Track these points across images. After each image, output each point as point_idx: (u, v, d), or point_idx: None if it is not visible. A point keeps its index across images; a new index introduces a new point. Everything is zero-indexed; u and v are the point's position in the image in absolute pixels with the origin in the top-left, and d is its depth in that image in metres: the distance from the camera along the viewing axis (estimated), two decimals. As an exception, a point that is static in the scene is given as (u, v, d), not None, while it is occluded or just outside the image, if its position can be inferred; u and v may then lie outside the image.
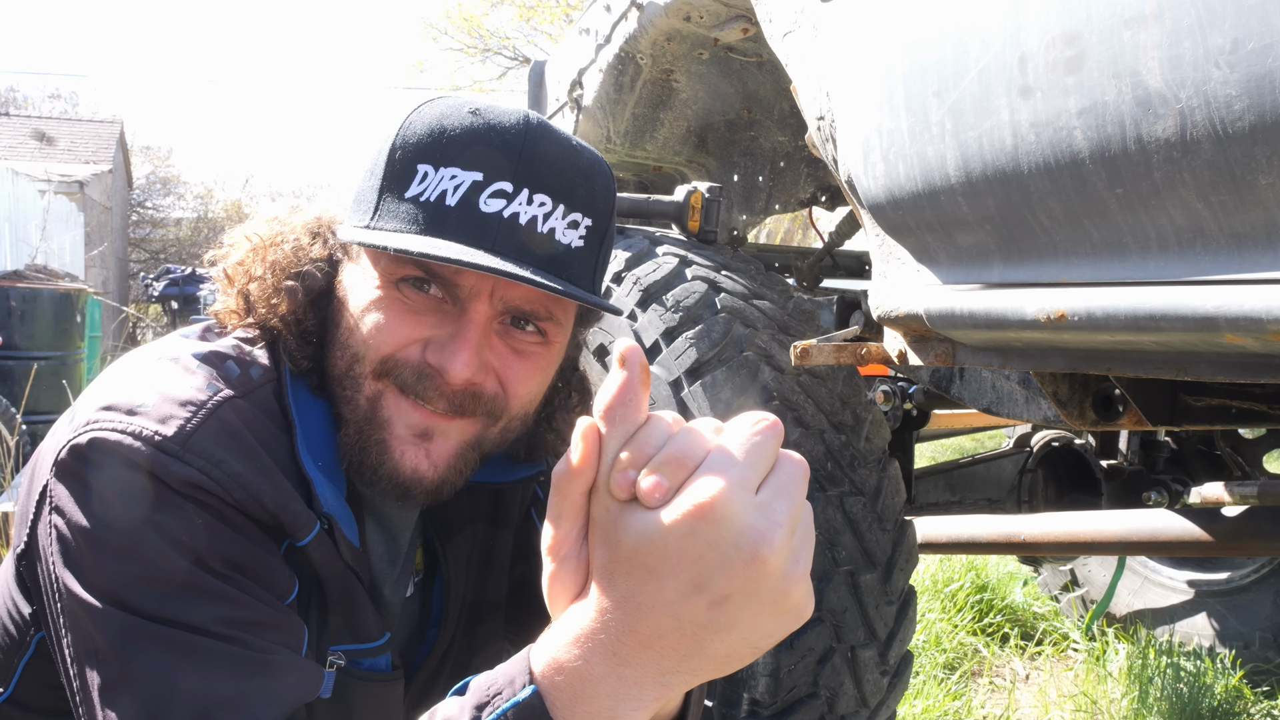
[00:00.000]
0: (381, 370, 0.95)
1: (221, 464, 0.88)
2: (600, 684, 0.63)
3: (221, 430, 0.90)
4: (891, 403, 2.34)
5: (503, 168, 0.92)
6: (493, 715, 0.65)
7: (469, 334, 0.94)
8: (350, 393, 0.97)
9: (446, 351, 0.93)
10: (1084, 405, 1.41)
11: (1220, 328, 0.84)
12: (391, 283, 0.95)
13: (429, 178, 0.92)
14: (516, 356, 0.98)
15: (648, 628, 0.62)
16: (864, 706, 1.66)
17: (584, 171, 0.97)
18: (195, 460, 0.87)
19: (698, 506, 0.59)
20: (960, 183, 1.07)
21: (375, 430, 0.97)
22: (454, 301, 0.95)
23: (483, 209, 0.91)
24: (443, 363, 0.93)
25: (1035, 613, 3.67)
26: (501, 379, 0.97)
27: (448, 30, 18.08)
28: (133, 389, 0.92)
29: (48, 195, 16.27)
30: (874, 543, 1.66)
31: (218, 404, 0.92)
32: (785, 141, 2.52)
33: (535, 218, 0.93)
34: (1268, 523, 1.95)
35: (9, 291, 6.14)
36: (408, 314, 0.95)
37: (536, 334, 0.99)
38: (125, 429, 0.87)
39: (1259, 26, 0.75)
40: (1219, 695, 2.92)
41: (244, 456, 0.90)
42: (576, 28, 2.43)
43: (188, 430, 0.88)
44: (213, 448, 0.88)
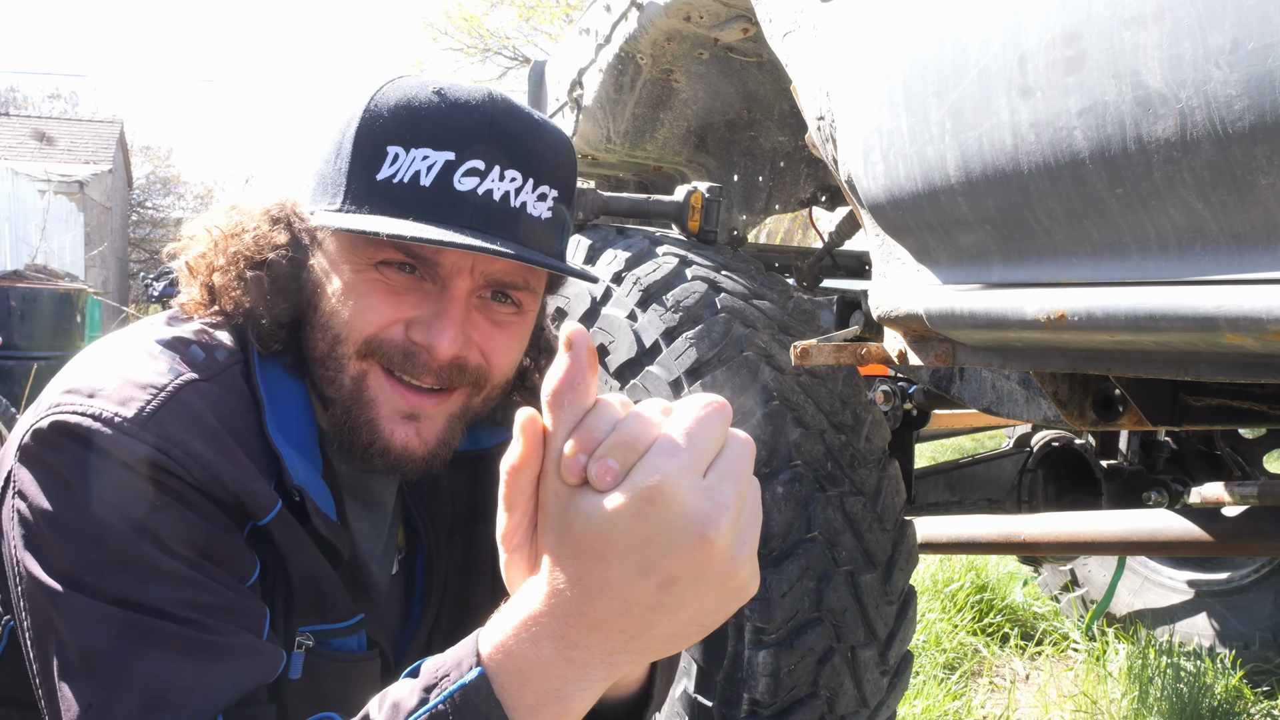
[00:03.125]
0: (366, 350, 0.97)
1: (181, 444, 0.89)
2: (548, 666, 0.64)
3: (181, 411, 0.91)
4: (891, 403, 2.34)
5: (473, 146, 0.94)
6: (440, 697, 0.66)
7: (453, 311, 0.96)
8: (334, 374, 0.98)
9: (432, 329, 0.95)
10: (1084, 405, 1.41)
11: (1220, 328, 0.84)
12: (371, 264, 0.96)
13: (400, 159, 0.94)
14: (496, 328, 1.01)
15: (596, 610, 0.62)
16: (864, 706, 1.66)
17: (548, 145, 0.99)
18: (153, 440, 0.88)
19: (645, 490, 0.60)
20: (960, 183, 1.07)
21: (363, 410, 0.98)
22: (434, 280, 0.97)
23: (457, 188, 0.93)
24: (429, 340, 0.95)
25: (1035, 613, 3.67)
26: (484, 351, 1.00)
27: (448, 30, 18.09)
28: (94, 373, 0.93)
29: (48, 195, 16.26)
30: (874, 543, 1.66)
31: (179, 386, 0.92)
32: (785, 141, 2.52)
33: (507, 193, 0.95)
34: (1268, 523, 1.95)
35: (9, 291, 6.14)
36: (389, 294, 0.96)
37: (513, 305, 1.01)
38: (85, 411, 0.88)
39: (1259, 26, 0.75)
40: (1219, 695, 2.92)
41: (204, 436, 0.91)
42: (576, 28, 2.43)
43: (146, 411, 0.89)
44: (171, 428, 0.89)
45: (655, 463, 0.61)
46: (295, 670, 0.98)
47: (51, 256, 12.97)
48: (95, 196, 18.51)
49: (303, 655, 0.99)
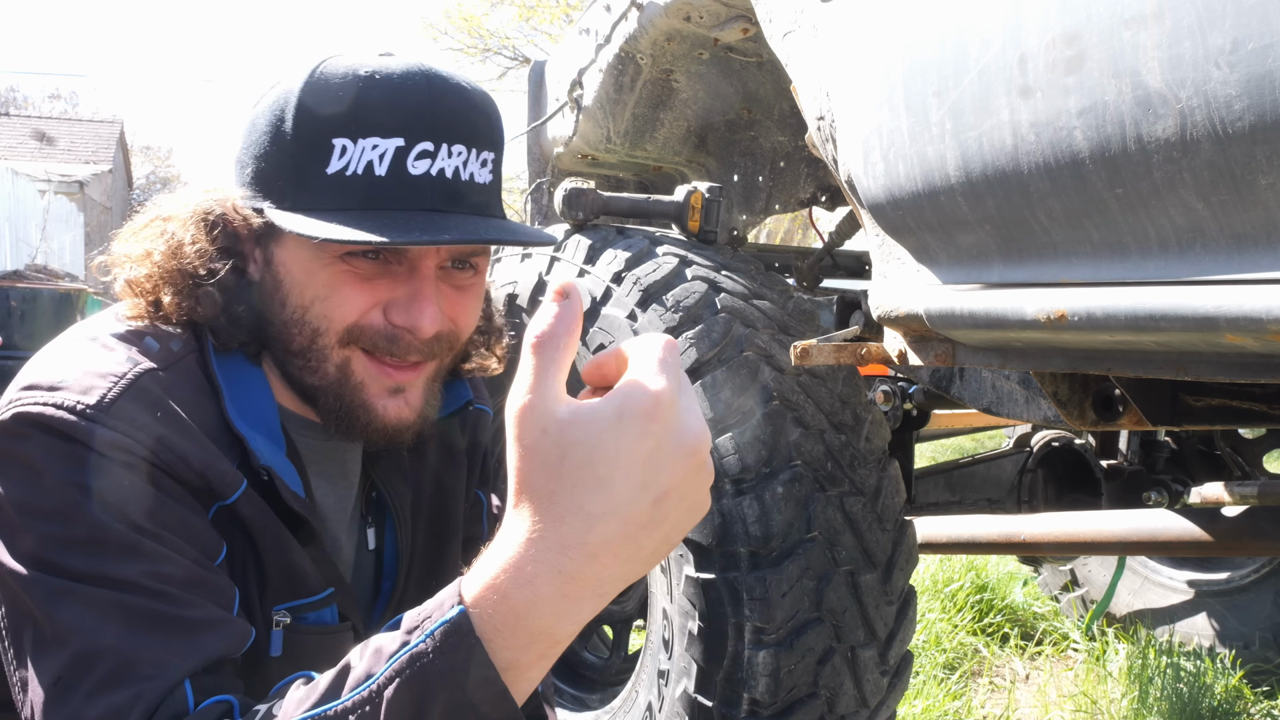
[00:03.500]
0: (348, 339, 1.00)
1: (145, 427, 0.91)
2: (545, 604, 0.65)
3: (142, 397, 0.93)
4: (891, 403, 2.34)
5: (419, 128, 0.95)
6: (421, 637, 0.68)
7: (427, 290, 1.00)
8: (316, 364, 1.02)
9: (412, 311, 0.99)
10: (1084, 405, 1.41)
11: (1220, 328, 0.84)
12: (337, 257, 0.98)
13: (349, 151, 0.94)
14: (460, 293, 1.05)
15: (596, 537, 0.64)
16: (864, 706, 1.66)
17: (480, 111, 1.02)
18: (118, 424, 0.90)
19: (648, 410, 0.63)
20: (960, 183, 1.07)
21: (353, 393, 1.02)
22: (400, 262, 0.99)
23: (412, 172, 0.95)
24: (411, 322, 0.99)
25: (1035, 613, 3.67)
26: (452, 318, 1.04)
27: (448, 30, 18.08)
28: (53, 368, 0.94)
29: (48, 195, 16.26)
30: (874, 543, 1.66)
31: (138, 374, 0.95)
32: (785, 141, 2.52)
33: (457, 169, 0.98)
34: (1268, 523, 1.95)
35: (9, 291, 6.14)
36: (361, 283, 0.99)
37: (470, 269, 1.05)
38: (48, 401, 0.90)
39: (1259, 26, 0.75)
40: (1219, 695, 2.92)
41: (165, 420, 0.93)
42: (576, 28, 2.44)
43: (109, 398, 0.91)
44: (134, 412, 0.91)
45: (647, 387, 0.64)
46: (275, 648, 1.01)
47: (51, 256, 12.97)
48: (95, 196, 18.51)
49: (281, 633, 1.02)
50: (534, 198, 2.78)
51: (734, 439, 1.57)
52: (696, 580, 1.59)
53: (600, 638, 2.32)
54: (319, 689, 0.74)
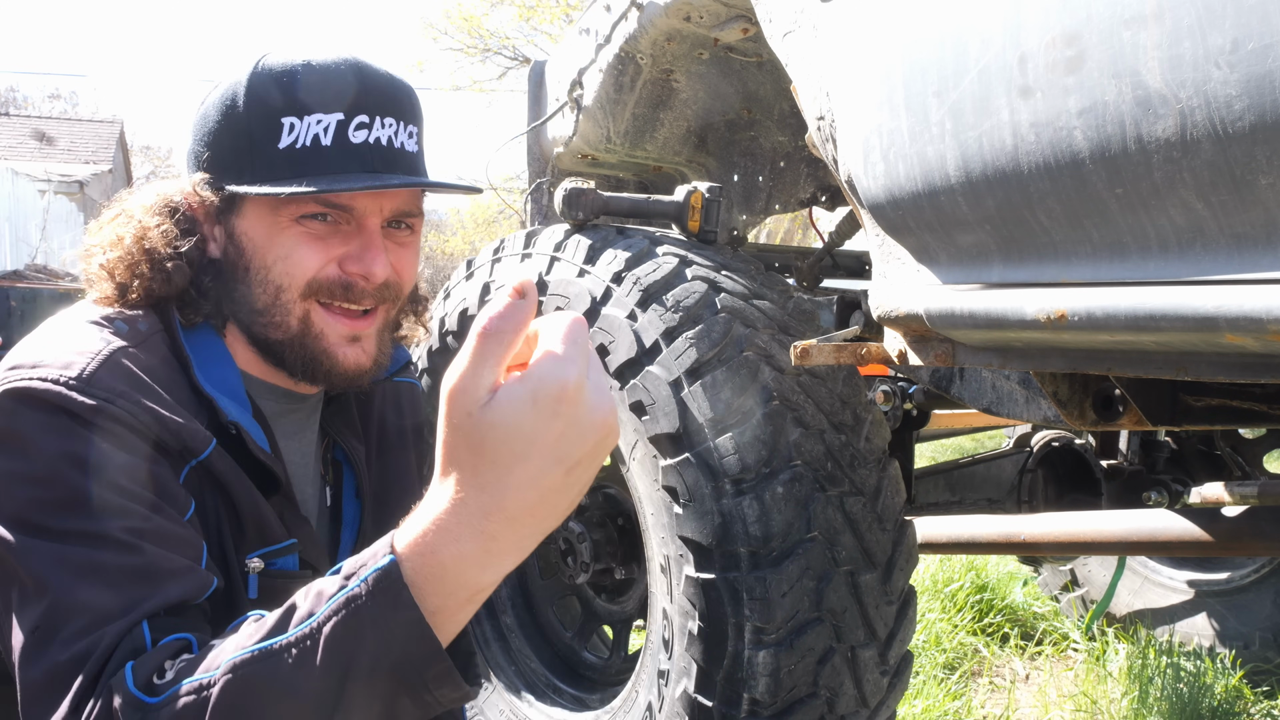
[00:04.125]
0: (308, 292, 1.13)
1: (122, 394, 1.01)
2: (469, 559, 0.76)
3: (117, 369, 1.03)
4: (891, 403, 2.34)
5: (355, 103, 1.11)
6: (356, 581, 0.78)
7: (376, 241, 1.15)
8: (280, 318, 1.14)
9: (365, 260, 1.13)
10: (1084, 405, 1.41)
11: (1220, 328, 0.84)
12: (293, 220, 1.12)
13: (296, 128, 1.09)
14: (401, 249, 1.20)
15: (514, 504, 0.74)
16: (864, 706, 1.66)
17: (402, 90, 1.18)
18: (97, 392, 0.99)
19: (556, 394, 0.73)
20: (960, 183, 1.07)
21: (314, 341, 1.15)
22: (349, 222, 1.14)
23: (353, 140, 1.11)
24: (365, 269, 1.13)
25: (1035, 613, 3.66)
26: (396, 269, 1.18)
27: (447, 30, 18.06)
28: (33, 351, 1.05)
29: (48, 195, 16.26)
30: (874, 543, 1.66)
31: (111, 350, 1.05)
32: (785, 141, 2.52)
33: (389, 137, 1.13)
34: (1268, 523, 1.95)
35: (9, 291, 6.14)
36: (316, 241, 1.13)
37: (408, 229, 1.21)
38: (31, 376, 0.99)
39: (1259, 26, 0.75)
40: (1219, 695, 2.92)
41: (139, 388, 1.03)
42: (576, 28, 2.43)
43: (88, 370, 1.01)
44: (111, 381, 1.01)
45: (556, 372, 0.73)
46: (252, 591, 1.12)
47: (51, 256, 12.97)
48: (95, 196, 18.51)
49: (256, 578, 1.13)
50: (534, 198, 2.78)
51: (734, 439, 1.57)
52: (696, 580, 1.59)
53: (600, 638, 2.32)
54: (267, 625, 0.84)
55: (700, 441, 1.59)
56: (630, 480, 1.76)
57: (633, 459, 1.72)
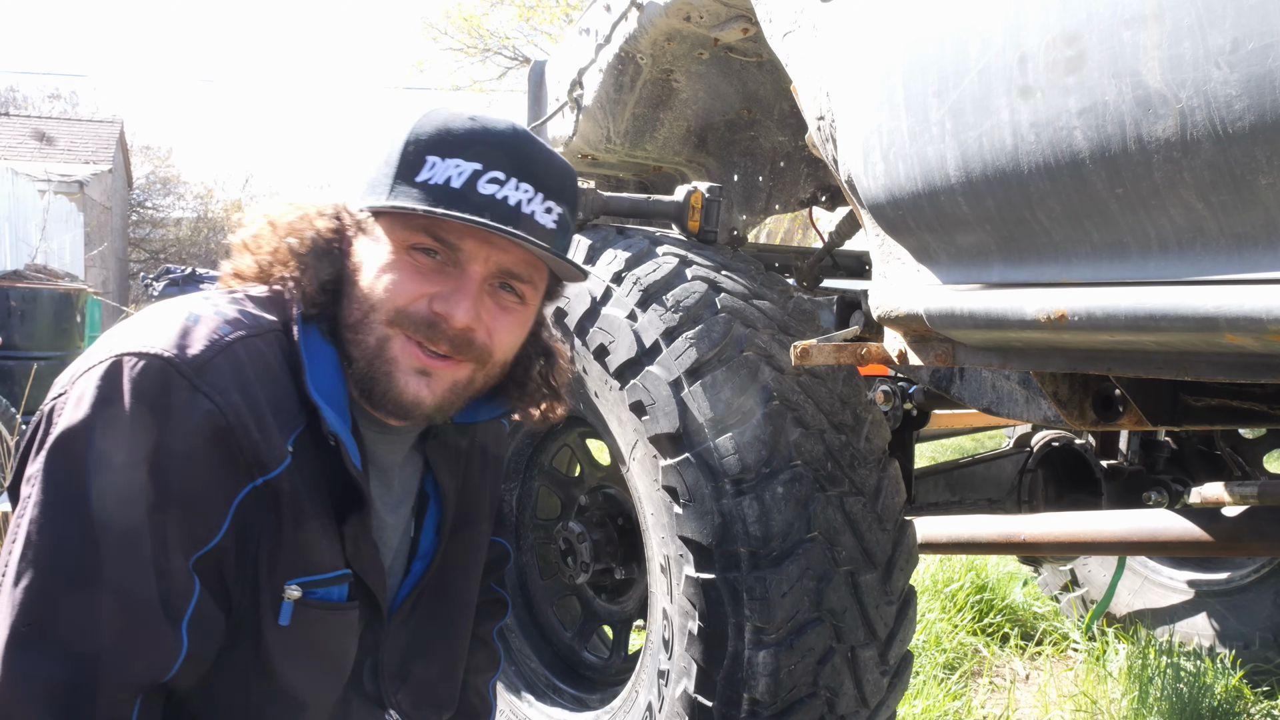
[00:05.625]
0: (393, 319, 1.14)
1: (224, 392, 1.03)
2: None
3: (232, 364, 1.06)
4: (891, 403, 2.34)
5: (497, 160, 1.14)
6: None
7: (469, 288, 1.15)
8: (362, 336, 1.15)
9: (451, 301, 1.14)
10: (1084, 405, 1.41)
11: (1220, 328, 0.84)
12: (404, 249, 1.14)
13: (437, 166, 1.12)
14: (502, 312, 1.19)
15: None
16: (864, 706, 1.66)
17: (557, 170, 1.20)
18: (204, 386, 1.02)
19: None
20: (960, 182, 1.07)
21: (383, 364, 1.15)
22: (454, 265, 1.15)
23: (481, 191, 1.12)
24: (448, 310, 1.13)
25: (1035, 613, 3.66)
26: (490, 330, 1.18)
27: (447, 30, 18.04)
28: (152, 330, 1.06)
29: (48, 195, 16.25)
30: (874, 543, 1.66)
31: (232, 340, 1.08)
32: (785, 141, 2.52)
33: (520, 201, 1.14)
34: (1268, 523, 1.95)
35: (9, 291, 6.13)
36: (417, 274, 1.14)
37: (516, 296, 1.20)
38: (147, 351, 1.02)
39: (1259, 26, 0.75)
40: (1219, 695, 2.92)
41: (243, 390, 1.05)
42: (576, 28, 2.43)
43: (204, 358, 1.04)
44: (219, 378, 1.04)
45: None
46: (284, 618, 1.12)
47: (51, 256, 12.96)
48: (95, 196, 18.50)
49: (291, 605, 1.12)
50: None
51: (734, 439, 1.57)
52: (696, 580, 1.59)
53: (600, 638, 2.32)
54: None
55: (700, 441, 1.59)
56: (630, 480, 1.76)
57: (633, 459, 1.72)
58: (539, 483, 2.29)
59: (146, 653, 1.00)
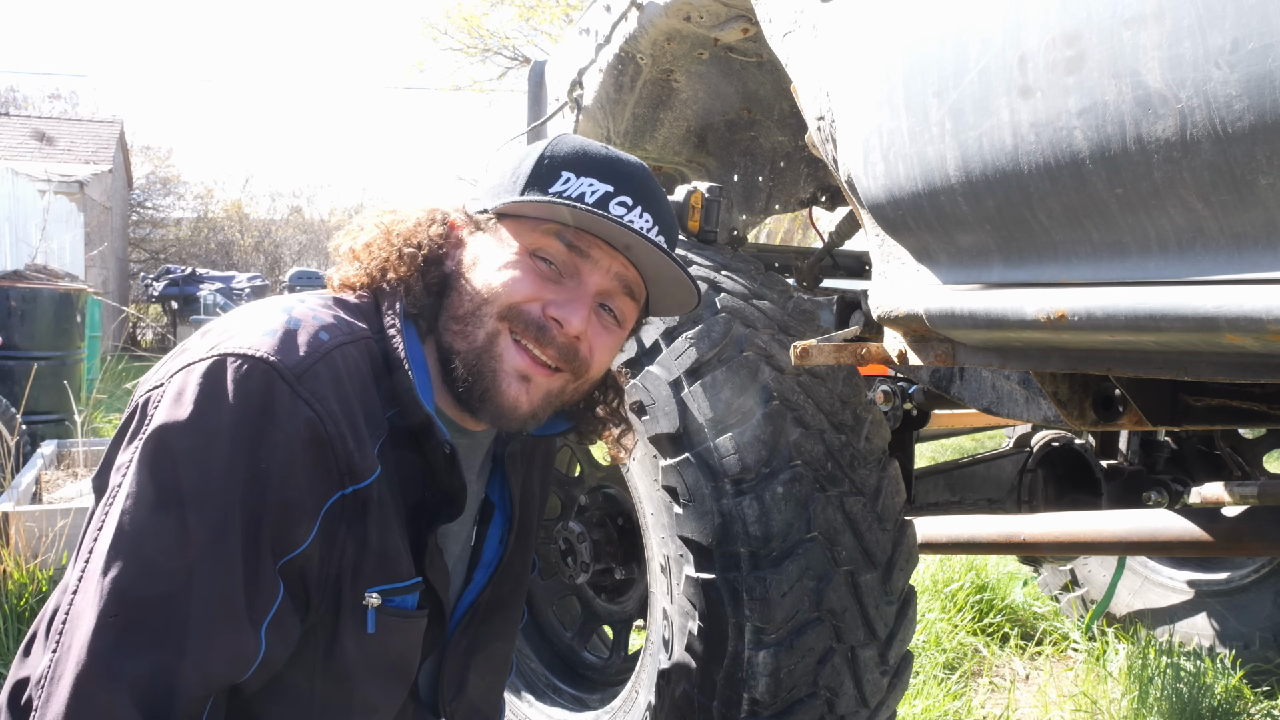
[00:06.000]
0: (506, 314, 1.17)
1: (324, 400, 1.04)
2: None
3: (331, 372, 1.06)
4: (891, 403, 2.34)
5: (628, 187, 1.20)
6: None
7: (585, 298, 1.20)
8: (471, 329, 1.18)
9: (567, 309, 1.18)
10: (1084, 405, 1.41)
11: (1220, 328, 0.84)
12: (528, 252, 1.19)
13: (571, 181, 1.18)
14: (604, 331, 1.24)
15: None
16: (864, 706, 1.66)
17: (669, 211, 1.27)
18: (305, 393, 1.03)
19: None
20: (960, 182, 1.07)
21: (489, 361, 1.17)
22: (573, 278, 1.20)
23: (612, 210, 1.18)
24: (564, 316, 1.17)
25: (1035, 613, 3.66)
26: (591, 345, 1.22)
27: (447, 30, 18.04)
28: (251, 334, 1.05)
29: (48, 195, 16.24)
30: (874, 542, 1.66)
31: (330, 348, 1.08)
32: (785, 141, 2.52)
33: (645, 226, 1.20)
34: (1268, 523, 1.95)
35: (9, 291, 6.13)
36: (538, 277, 1.18)
37: (615, 319, 1.25)
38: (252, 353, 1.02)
39: (1259, 26, 0.75)
40: (1219, 695, 2.92)
41: (341, 399, 1.06)
42: (576, 28, 2.43)
43: (305, 364, 1.04)
44: (319, 385, 1.04)
45: None
46: (370, 625, 1.13)
47: (51, 256, 12.95)
48: (95, 196, 18.50)
49: (374, 612, 1.13)
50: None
51: (734, 439, 1.57)
52: (696, 580, 1.59)
53: (600, 638, 2.32)
54: None
55: (700, 441, 1.59)
56: (630, 480, 1.76)
57: (633, 459, 1.72)
58: (539, 483, 2.29)
59: (228, 652, 0.99)
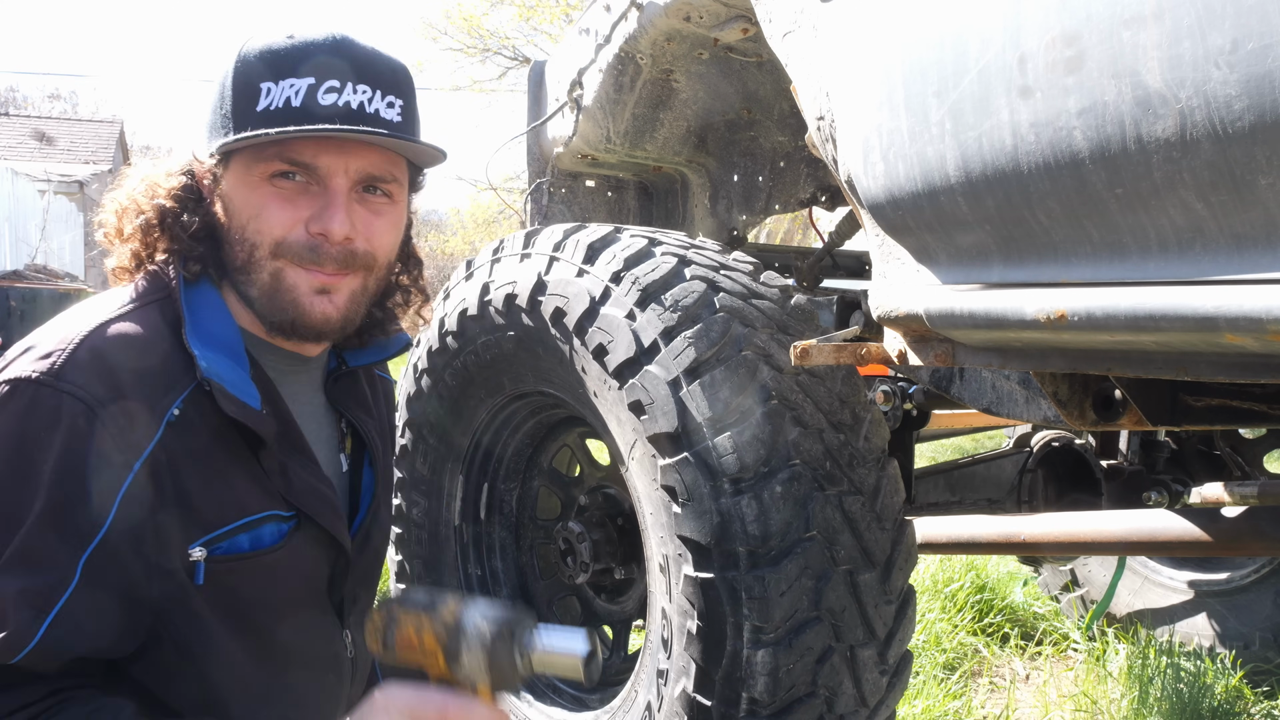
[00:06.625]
0: (276, 251, 1.17)
1: (88, 386, 1.06)
2: None
3: (90, 354, 1.09)
4: (891, 403, 2.34)
5: (328, 69, 1.15)
6: None
7: (337, 200, 1.17)
8: (254, 275, 1.19)
9: (324, 218, 1.16)
10: (1084, 405, 1.41)
11: (1220, 328, 0.84)
12: (265, 180, 1.16)
13: (272, 91, 1.14)
14: (375, 216, 1.22)
15: None
16: (863, 706, 1.66)
17: (388, 65, 1.21)
18: (66, 385, 1.05)
19: None
20: (960, 183, 1.07)
21: (284, 294, 1.19)
22: (318, 182, 1.17)
23: (322, 102, 1.14)
24: (324, 227, 1.16)
25: (1035, 613, 3.66)
26: (368, 237, 1.21)
27: (447, 30, 18.05)
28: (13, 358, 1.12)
29: (48, 195, 16.24)
30: (873, 542, 1.66)
31: (86, 331, 1.11)
32: (785, 141, 2.52)
33: (362, 103, 1.16)
34: (1268, 523, 1.95)
35: (9, 291, 6.13)
36: (284, 202, 1.17)
37: (384, 196, 1.23)
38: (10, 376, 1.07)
39: (1259, 26, 0.75)
40: (1219, 695, 2.92)
41: (105, 375, 1.08)
42: (576, 28, 2.43)
43: (59, 359, 1.07)
44: (78, 373, 1.07)
45: None
46: (199, 578, 1.14)
47: (51, 256, 12.95)
48: (95, 196, 18.49)
49: (201, 565, 1.14)
50: (533, 198, 2.78)
51: (732, 438, 1.57)
52: (695, 579, 1.59)
53: (600, 637, 2.32)
54: None
55: (699, 441, 1.59)
56: (629, 480, 1.76)
57: (631, 458, 1.72)
58: (539, 483, 2.29)
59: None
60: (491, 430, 2.18)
